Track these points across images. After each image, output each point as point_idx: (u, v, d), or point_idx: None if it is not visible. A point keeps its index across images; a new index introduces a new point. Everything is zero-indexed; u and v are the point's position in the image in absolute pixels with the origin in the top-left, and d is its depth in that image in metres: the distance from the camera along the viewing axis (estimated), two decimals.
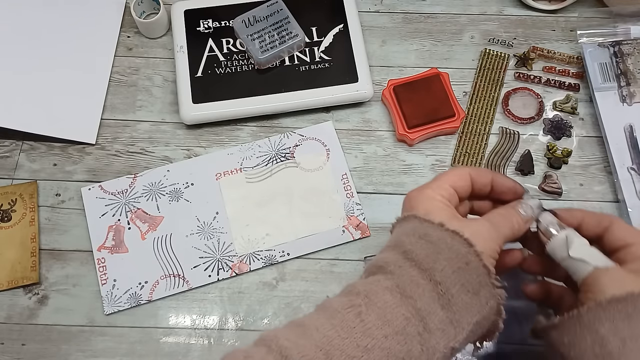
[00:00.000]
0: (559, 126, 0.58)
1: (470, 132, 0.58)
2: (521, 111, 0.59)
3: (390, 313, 0.34)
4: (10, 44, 0.59)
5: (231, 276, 0.53)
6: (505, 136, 0.58)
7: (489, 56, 0.61)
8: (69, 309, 0.52)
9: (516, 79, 0.60)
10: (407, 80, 0.58)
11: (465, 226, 0.36)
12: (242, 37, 0.59)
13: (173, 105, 0.60)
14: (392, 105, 0.57)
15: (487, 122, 0.58)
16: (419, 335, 0.34)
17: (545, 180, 0.56)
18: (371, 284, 0.36)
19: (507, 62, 0.61)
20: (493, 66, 0.61)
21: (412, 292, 0.34)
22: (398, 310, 0.34)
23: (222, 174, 0.57)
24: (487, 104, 0.59)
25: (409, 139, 0.57)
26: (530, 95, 0.60)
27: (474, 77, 0.60)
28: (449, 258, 0.35)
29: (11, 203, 0.55)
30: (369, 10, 0.64)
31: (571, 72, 0.60)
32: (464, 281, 0.35)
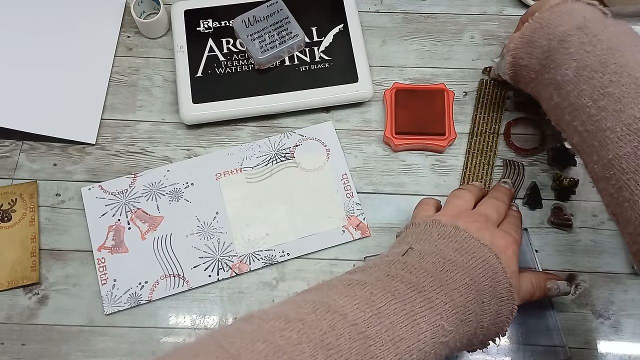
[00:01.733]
0: (564, 155, 0.55)
1: (474, 167, 0.56)
2: (525, 142, 0.57)
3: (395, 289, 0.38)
4: (11, 44, 0.59)
5: (231, 276, 0.53)
6: (510, 169, 0.56)
7: (486, 86, 0.59)
8: (69, 309, 0.52)
9: (516, 109, 0.58)
10: (411, 88, 0.58)
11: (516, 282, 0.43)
12: (242, 37, 0.59)
13: (173, 105, 0.60)
14: (389, 107, 0.57)
15: (490, 155, 0.56)
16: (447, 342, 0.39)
17: (554, 213, 0.54)
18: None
19: (505, 91, 0.59)
20: (492, 97, 0.59)
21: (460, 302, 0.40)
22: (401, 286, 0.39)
23: (222, 174, 0.57)
24: (489, 137, 0.57)
25: (393, 144, 0.57)
26: (532, 124, 0.58)
27: (474, 110, 0.59)
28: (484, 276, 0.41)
29: (11, 203, 0.55)
30: (369, 10, 0.64)
31: None
32: (497, 314, 0.41)
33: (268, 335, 0.32)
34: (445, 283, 0.39)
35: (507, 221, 0.47)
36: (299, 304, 0.35)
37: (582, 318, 0.52)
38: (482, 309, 0.40)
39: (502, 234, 0.44)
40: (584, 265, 0.53)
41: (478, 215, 0.45)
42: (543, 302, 0.51)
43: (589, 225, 0.55)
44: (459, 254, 0.41)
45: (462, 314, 0.38)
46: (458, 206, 0.47)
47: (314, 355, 0.31)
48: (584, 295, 0.53)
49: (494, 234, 0.43)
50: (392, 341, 0.34)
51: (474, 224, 0.44)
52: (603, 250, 0.54)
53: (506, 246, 0.43)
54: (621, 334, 0.51)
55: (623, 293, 0.52)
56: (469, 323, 0.39)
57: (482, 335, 0.41)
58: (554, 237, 0.54)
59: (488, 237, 0.43)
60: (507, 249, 0.43)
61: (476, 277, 0.40)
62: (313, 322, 0.33)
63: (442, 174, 0.57)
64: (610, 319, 0.52)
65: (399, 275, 0.39)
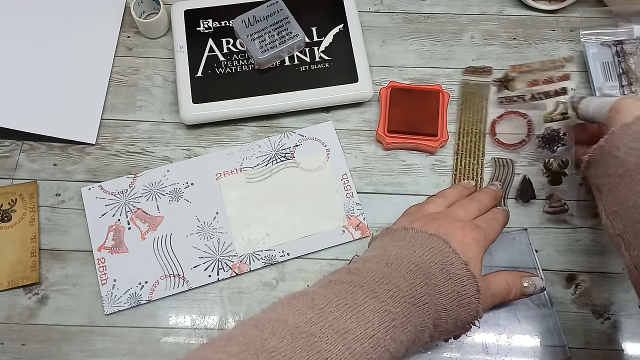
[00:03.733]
0: (552, 138, 0.54)
1: (464, 169, 0.56)
2: (511, 136, 0.56)
3: (410, 325, 0.38)
4: (11, 44, 0.59)
5: (231, 276, 0.53)
6: (498, 167, 0.56)
7: (468, 88, 0.59)
8: (69, 309, 0.52)
9: (500, 105, 0.58)
10: (407, 87, 0.58)
11: (480, 280, 0.43)
12: (242, 37, 0.59)
13: (173, 105, 0.60)
14: (383, 105, 0.57)
15: (478, 155, 0.56)
16: (417, 343, 0.40)
17: (548, 202, 0.53)
18: (401, 290, 0.39)
19: (488, 90, 0.58)
20: (475, 97, 0.58)
21: (427, 309, 0.40)
22: (414, 322, 0.39)
23: (222, 174, 0.57)
24: (476, 136, 0.57)
25: (385, 142, 0.57)
26: (516, 117, 0.57)
27: (458, 113, 0.58)
28: (459, 293, 0.41)
29: (11, 203, 0.55)
30: (369, 10, 0.64)
31: (556, 77, 0.56)
32: (460, 315, 0.42)
33: (211, 354, 0.33)
34: (388, 274, 0.39)
35: (482, 216, 0.47)
36: (243, 322, 0.36)
37: (582, 318, 0.52)
38: (438, 291, 0.40)
39: (463, 225, 0.44)
40: (584, 265, 0.53)
41: (441, 214, 0.46)
42: (543, 302, 0.51)
43: (589, 225, 0.55)
44: (404, 249, 0.41)
45: (410, 297, 0.38)
46: (425, 211, 0.47)
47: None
48: (584, 295, 0.53)
49: (450, 225, 0.43)
50: (337, 333, 0.34)
51: (429, 222, 0.44)
52: (603, 251, 0.54)
53: (464, 234, 0.43)
54: (621, 334, 0.51)
55: (623, 293, 0.52)
56: (424, 306, 0.39)
57: (453, 318, 0.41)
58: (554, 237, 0.54)
59: (443, 229, 0.43)
60: (464, 236, 0.43)
61: (422, 263, 0.40)
62: (254, 333, 0.34)
63: (442, 174, 0.57)
64: (610, 319, 0.52)
65: (341, 278, 0.39)
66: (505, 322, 0.51)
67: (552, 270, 0.53)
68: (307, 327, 0.34)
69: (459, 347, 0.50)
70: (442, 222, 0.44)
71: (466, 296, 0.41)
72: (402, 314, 0.37)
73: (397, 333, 0.37)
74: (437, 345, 0.50)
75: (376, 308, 0.36)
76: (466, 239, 0.43)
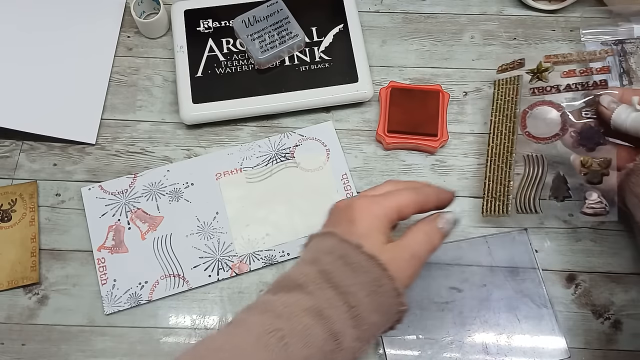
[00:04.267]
0: (589, 135, 0.49)
1: (493, 175, 0.53)
2: (544, 129, 0.51)
3: (310, 335, 0.35)
4: (11, 44, 0.59)
5: (231, 276, 0.53)
6: (530, 164, 0.51)
7: (501, 86, 0.55)
8: (69, 309, 0.52)
9: (532, 95, 0.52)
10: (407, 87, 0.58)
11: (385, 251, 0.38)
12: (242, 37, 0.59)
13: (173, 105, 0.60)
14: (383, 105, 0.58)
15: (507, 156, 0.52)
16: (332, 352, 0.36)
17: (585, 202, 0.49)
18: (291, 306, 0.37)
19: (518, 85, 0.54)
20: (506, 95, 0.54)
21: (329, 314, 0.36)
22: (317, 331, 0.35)
23: (222, 174, 0.57)
24: (506, 136, 0.53)
25: (385, 142, 0.57)
26: (549, 108, 0.51)
27: (491, 115, 0.55)
28: (363, 282, 0.37)
29: (11, 203, 0.55)
30: (369, 10, 0.64)
31: (595, 69, 0.51)
32: (376, 304, 0.37)
33: None
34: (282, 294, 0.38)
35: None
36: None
37: (582, 318, 0.52)
38: (342, 290, 0.37)
39: (349, 203, 0.41)
40: (584, 265, 0.53)
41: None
42: (543, 302, 0.51)
43: (589, 225, 0.55)
44: (306, 260, 0.40)
45: (307, 307, 0.36)
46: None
47: None
48: (584, 295, 0.53)
49: (339, 212, 0.41)
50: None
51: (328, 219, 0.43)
52: (603, 251, 0.54)
53: (351, 212, 0.40)
54: (621, 334, 0.51)
55: (623, 293, 0.52)
56: (326, 311, 0.36)
57: (373, 311, 0.37)
58: (554, 237, 0.54)
59: (332, 220, 0.42)
60: (352, 213, 0.40)
61: (318, 267, 0.38)
62: None
63: (442, 174, 0.57)
64: (610, 319, 0.52)
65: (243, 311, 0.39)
66: (505, 322, 0.51)
67: (552, 270, 0.53)
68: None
69: (459, 347, 0.50)
70: (343, 212, 0.41)
71: (375, 281, 0.37)
72: (293, 330, 0.35)
73: (295, 350, 0.35)
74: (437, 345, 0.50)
75: (260, 333, 0.35)
76: (355, 215, 0.39)
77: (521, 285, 0.52)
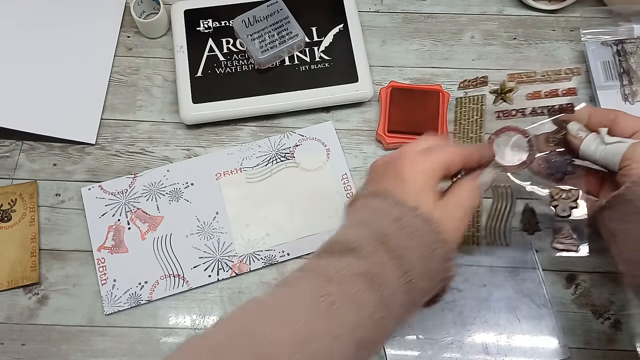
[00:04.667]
0: (556, 165, 0.45)
1: None
2: (511, 157, 0.46)
3: (361, 301, 0.34)
4: (11, 44, 0.59)
5: (231, 276, 0.53)
6: (496, 196, 0.47)
7: (463, 104, 0.50)
8: (69, 309, 0.52)
9: (497, 119, 0.47)
10: (407, 87, 0.58)
11: (436, 210, 0.37)
12: (242, 37, 0.59)
13: (173, 105, 0.60)
14: (383, 105, 0.58)
15: None
16: (381, 320, 0.35)
17: (554, 236, 0.46)
18: (343, 270, 0.35)
19: (481, 106, 0.50)
20: (469, 115, 0.50)
21: (382, 280, 0.35)
22: (368, 297, 0.35)
23: (222, 174, 0.57)
24: None
25: (385, 142, 0.57)
26: (515, 134, 0.47)
27: (453, 136, 0.50)
28: (418, 246, 0.36)
29: (11, 203, 0.55)
30: (369, 10, 0.64)
31: (561, 91, 0.47)
32: (427, 270, 0.36)
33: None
34: (330, 257, 0.37)
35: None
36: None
37: (582, 318, 0.52)
38: (397, 254, 0.36)
39: (400, 157, 0.39)
40: (584, 265, 0.53)
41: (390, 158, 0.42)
42: (543, 302, 0.51)
43: None
44: (354, 225, 0.39)
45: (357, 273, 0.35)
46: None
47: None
48: (584, 295, 0.52)
49: (389, 168, 0.40)
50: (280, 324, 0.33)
51: (378, 176, 0.41)
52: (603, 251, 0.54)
53: (402, 169, 0.38)
54: (621, 334, 0.51)
55: (623, 293, 0.52)
56: (376, 276, 0.35)
57: (424, 276, 0.36)
58: None
59: (387, 181, 0.39)
60: (404, 169, 0.38)
61: (369, 229, 0.37)
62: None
63: None
64: (610, 319, 0.52)
65: (291, 274, 0.38)
66: (505, 322, 0.51)
67: (552, 270, 0.53)
68: (253, 327, 0.33)
69: (459, 347, 0.50)
70: (390, 169, 0.39)
71: (429, 245, 0.36)
72: (344, 295, 0.34)
73: (346, 314, 0.34)
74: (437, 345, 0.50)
75: (312, 294, 0.34)
76: (404, 172, 0.38)
77: (521, 285, 0.52)
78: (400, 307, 0.36)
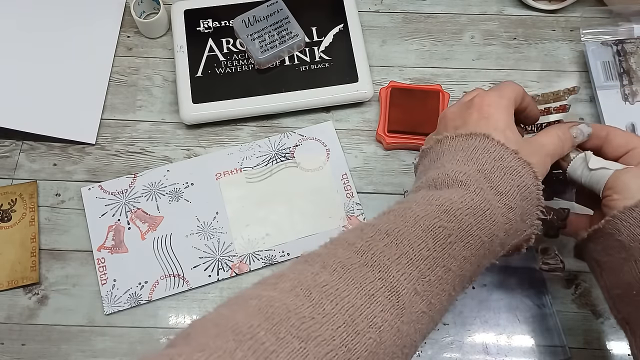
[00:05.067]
0: (545, 183, 0.41)
1: None
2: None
3: (471, 236, 0.35)
4: (10, 44, 0.59)
5: (231, 276, 0.53)
6: None
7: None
8: (69, 309, 0.52)
9: None
10: (407, 87, 0.58)
11: (531, 154, 0.38)
12: (242, 37, 0.59)
13: (173, 105, 0.60)
14: (383, 105, 0.58)
15: None
16: (483, 257, 0.37)
17: (541, 258, 0.47)
18: (455, 202, 0.36)
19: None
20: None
21: (489, 215, 0.36)
22: (477, 233, 0.36)
23: (222, 174, 0.57)
24: None
25: (385, 142, 0.57)
26: None
27: None
28: (519, 186, 0.37)
29: (11, 203, 0.55)
30: (369, 10, 0.64)
31: (553, 108, 0.48)
32: (525, 209, 0.38)
33: (262, 291, 0.33)
34: (436, 193, 0.37)
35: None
36: (294, 261, 0.36)
37: (582, 318, 0.52)
38: (497, 192, 0.37)
39: (474, 100, 0.40)
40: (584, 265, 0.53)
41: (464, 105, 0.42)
42: (543, 302, 0.51)
43: None
44: (447, 164, 0.39)
45: (467, 208, 0.36)
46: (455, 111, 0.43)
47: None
48: (584, 295, 0.52)
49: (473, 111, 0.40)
50: (389, 260, 0.33)
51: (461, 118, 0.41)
52: None
53: (482, 109, 0.39)
54: (621, 334, 0.51)
55: None
56: (484, 214, 0.36)
57: (519, 215, 0.37)
58: None
59: (474, 122, 0.40)
60: (484, 110, 0.39)
61: (469, 170, 0.37)
62: (305, 269, 0.34)
63: None
64: (610, 319, 0.52)
65: (392, 207, 0.38)
66: (505, 322, 0.51)
67: None
68: (357, 258, 0.33)
69: (459, 347, 0.50)
70: (470, 112, 0.40)
71: (526, 187, 0.37)
72: (458, 228, 0.35)
73: (457, 249, 0.35)
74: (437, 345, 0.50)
75: (428, 227, 0.35)
76: (490, 111, 0.39)
77: (521, 285, 0.52)
78: (497, 246, 0.37)
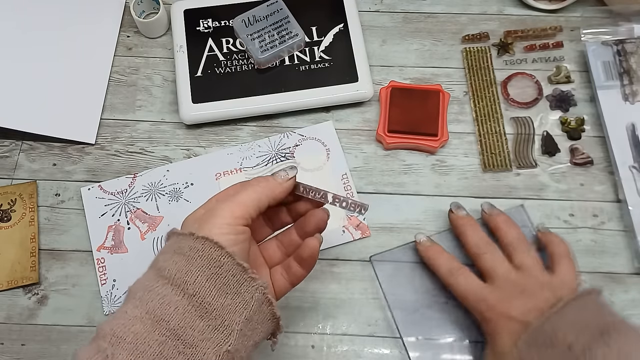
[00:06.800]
0: (563, 98, 0.58)
1: (487, 133, 0.57)
2: (523, 96, 0.59)
3: (142, 344, 0.32)
4: (10, 44, 0.59)
5: None
6: (519, 125, 0.58)
7: (471, 54, 0.61)
8: (68, 309, 0.52)
9: (505, 66, 0.61)
10: (407, 87, 0.58)
11: (219, 235, 0.36)
12: (242, 36, 0.59)
13: (173, 105, 0.60)
14: (383, 105, 0.57)
15: (497, 117, 0.58)
16: (180, 354, 0.33)
17: (573, 154, 0.57)
18: (118, 318, 0.34)
19: (490, 54, 0.61)
20: (480, 63, 0.61)
21: (163, 313, 0.33)
22: (151, 337, 0.32)
23: (222, 174, 0.57)
24: (491, 100, 0.59)
25: (385, 142, 0.57)
26: (524, 78, 0.60)
27: (467, 80, 0.60)
28: (201, 266, 0.35)
29: (11, 203, 0.55)
30: (369, 9, 0.64)
31: (551, 44, 0.61)
32: (220, 285, 0.35)
33: None
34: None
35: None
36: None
37: None
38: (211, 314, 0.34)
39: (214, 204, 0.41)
40: (584, 265, 0.53)
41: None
42: None
43: (589, 225, 0.55)
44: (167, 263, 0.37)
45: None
46: None
47: None
48: None
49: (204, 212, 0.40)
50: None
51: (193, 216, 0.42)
52: (603, 250, 0.54)
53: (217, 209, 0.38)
54: None
55: (623, 293, 0.52)
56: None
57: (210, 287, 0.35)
58: None
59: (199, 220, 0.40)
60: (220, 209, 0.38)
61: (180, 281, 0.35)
62: None
63: (443, 174, 0.57)
64: None
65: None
66: None
67: None
68: None
69: (459, 347, 0.50)
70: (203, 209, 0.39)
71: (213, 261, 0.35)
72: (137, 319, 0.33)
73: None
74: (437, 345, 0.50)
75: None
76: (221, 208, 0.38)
77: None
78: (201, 334, 0.34)
